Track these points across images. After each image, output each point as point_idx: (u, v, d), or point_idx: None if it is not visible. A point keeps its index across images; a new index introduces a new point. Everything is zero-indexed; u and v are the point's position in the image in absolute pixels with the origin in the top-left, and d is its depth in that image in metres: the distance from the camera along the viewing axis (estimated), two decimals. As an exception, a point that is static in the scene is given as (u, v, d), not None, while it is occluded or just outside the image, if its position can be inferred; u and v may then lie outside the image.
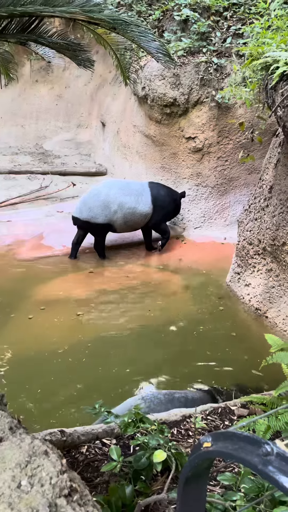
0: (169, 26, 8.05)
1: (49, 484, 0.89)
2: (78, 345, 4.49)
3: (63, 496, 0.89)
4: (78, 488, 0.97)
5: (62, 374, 4.02)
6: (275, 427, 2.26)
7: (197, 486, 1.10)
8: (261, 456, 0.86)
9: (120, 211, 6.57)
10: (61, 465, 0.97)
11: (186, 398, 3.32)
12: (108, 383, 3.91)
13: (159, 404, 3.15)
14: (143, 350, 4.59)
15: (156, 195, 6.87)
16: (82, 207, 6.63)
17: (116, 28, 2.30)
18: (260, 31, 4.64)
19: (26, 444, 0.97)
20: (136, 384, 3.89)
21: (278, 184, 4.52)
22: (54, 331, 4.77)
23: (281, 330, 4.62)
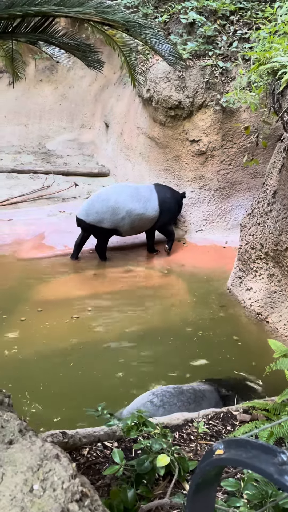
0: (175, 29, 8.05)
1: (61, 489, 0.88)
2: (67, 349, 4.41)
3: (74, 501, 0.88)
4: (89, 493, 0.96)
5: (44, 377, 3.94)
6: (278, 433, 2.25)
7: (207, 493, 1.10)
8: (276, 465, 0.85)
9: (128, 218, 6.56)
10: (72, 469, 0.96)
11: (194, 389, 3.37)
12: (89, 387, 3.83)
13: (171, 396, 3.20)
14: (137, 353, 4.50)
15: (163, 198, 6.86)
16: (88, 210, 6.56)
17: (129, 30, 2.30)
18: (267, 36, 4.65)
19: (37, 447, 0.96)
20: (126, 390, 3.80)
21: (282, 189, 4.52)
22: (44, 334, 4.68)
23: (282, 335, 4.61)
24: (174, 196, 7.10)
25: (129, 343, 4.69)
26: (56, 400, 3.65)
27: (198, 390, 3.38)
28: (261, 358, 4.25)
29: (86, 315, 5.14)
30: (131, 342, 4.71)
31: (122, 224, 6.58)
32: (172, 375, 4.07)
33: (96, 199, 6.67)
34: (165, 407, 3.10)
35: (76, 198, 9.38)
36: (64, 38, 2.65)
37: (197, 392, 3.34)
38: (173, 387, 3.34)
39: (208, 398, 3.37)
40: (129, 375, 4.05)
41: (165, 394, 3.22)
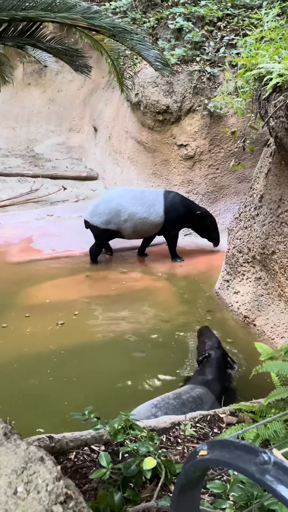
0: (163, 34, 8.12)
1: (45, 491, 0.88)
2: (47, 355, 4.35)
3: (59, 503, 0.88)
4: (73, 495, 0.96)
5: (20, 384, 3.90)
6: (263, 435, 2.27)
7: (191, 494, 1.10)
8: (258, 465, 0.86)
9: (130, 221, 6.57)
10: (57, 472, 0.96)
11: (193, 397, 3.38)
12: (65, 393, 3.79)
13: (175, 409, 3.18)
14: (121, 359, 4.46)
15: (170, 205, 6.75)
16: (93, 212, 6.66)
17: (116, 36, 2.32)
18: (253, 42, 4.72)
19: (22, 450, 0.96)
20: (109, 395, 3.76)
21: (269, 194, 4.57)
22: (26, 340, 4.61)
23: (269, 338, 4.65)
24: (186, 206, 6.87)
25: (113, 348, 4.64)
26: (30, 406, 3.62)
27: (197, 396, 3.38)
28: (249, 361, 4.29)
29: (72, 320, 5.08)
30: (115, 347, 4.66)
31: (125, 227, 6.61)
32: (159, 380, 4.06)
33: (100, 201, 6.76)
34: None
35: (64, 202, 9.37)
36: (52, 43, 2.66)
37: (196, 400, 3.35)
38: (174, 398, 3.31)
39: (205, 402, 3.40)
40: (112, 380, 4.01)
41: (168, 406, 3.20)
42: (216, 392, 3.58)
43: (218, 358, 3.94)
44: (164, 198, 6.78)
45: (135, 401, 3.47)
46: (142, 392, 3.85)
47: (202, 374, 3.82)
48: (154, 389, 3.87)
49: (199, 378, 3.75)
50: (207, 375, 3.77)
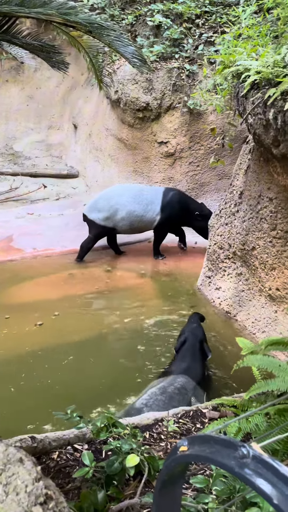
0: (142, 31, 8.10)
1: (24, 492, 0.87)
2: (22, 357, 4.28)
3: (38, 504, 0.88)
4: (54, 495, 0.96)
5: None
6: (245, 429, 2.29)
7: (173, 489, 1.11)
8: (237, 459, 0.87)
9: (127, 218, 6.65)
10: (36, 473, 0.95)
11: (178, 389, 3.39)
12: (38, 395, 3.75)
13: (165, 405, 3.18)
14: (100, 358, 4.40)
15: (167, 203, 6.78)
16: (91, 207, 6.77)
17: (92, 32, 2.30)
18: (231, 39, 4.74)
19: (0, 452, 0.95)
20: (85, 396, 3.72)
21: (248, 190, 4.61)
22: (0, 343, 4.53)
23: (250, 333, 4.70)
24: (183, 206, 6.88)
25: (93, 347, 4.57)
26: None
27: (180, 387, 3.42)
28: (230, 356, 4.33)
29: (52, 320, 5.00)
30: (95, 346, 4.60)
31: (121, 225, 6.70)
32: (139, 377, 4.04)
33: (100, 197, 6.83)
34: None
35: (45, 200, 9.29)
36: (28, 39, 2.62)
37: (181, 390, 3.38)
38: (160, 393, 3.31)
39: (189, 390, 3.45)
40: (90, 380, 3.98)
41: (158, 403, 3.20)
42: (195, 378, 3.64)
43: (193, 344, 4.01)
44: (162, 196, 6.81)
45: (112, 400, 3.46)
46: (121, 391, 3.83)
47: (180, 361, 3.87)
48: (134, 388, 3.85)
49: (177, 366, 3.80)
50: (184, 362, 3.83)
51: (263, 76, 3.45)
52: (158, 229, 6.93)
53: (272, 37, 4.33)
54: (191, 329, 4.24)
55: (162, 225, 6.89)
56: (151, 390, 3.42)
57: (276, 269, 4.28)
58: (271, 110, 3.38)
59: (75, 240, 7.36)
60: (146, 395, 3.35)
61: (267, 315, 4.51)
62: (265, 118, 3.50)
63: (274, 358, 2.61)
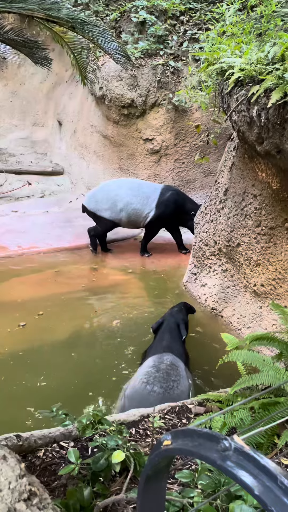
0: (126, 28, 8.07)
1: (7, 489, 0.87)
2: (2, 359, 4.23)
3: (22, 500, 0.88)
4: (38, 491, 0.96)
5: None
6: (230, 423, 2.32)
7: (157, 484, 1.12)
8: (219, 452, 0.88)
9: (125, 211, 6.70)
10: (20, 469, 0.95)
11: (169, 365, 3.49)
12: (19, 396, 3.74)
13: (166, 380, 3.30)
14: (83, 357, 4.38)
15: (163, 200, 6.78)
16: (91, 198, 6.84)
17: (75, 28, 2.28)
18: (215, 36, 4.75)
19: (-17, 450, 0.95)
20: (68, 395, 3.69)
21: (233, 187, 4.64)
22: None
23: (235, 328, 4.74)
24: (179, 205, 6.85)
25: (75, 347, 4.54)
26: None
27: (170, 363, 3.52)
28: (216, 351, 4.36)
29: (35, 320, 4.96)
30: (78, 346, 4.57)
31: (120, 217, 6.74)
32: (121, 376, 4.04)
33: (99, 189, 6.89)
34: (169, 392, 3.22)
35: (29, 197, 9.22)
36: (10, 34, 2.59)
37: (172, 366, 3.49)
38: (156, 370, 3.38)
39: (178, 365, 3.55)
40: (71, 379, 3.96)
41: (159, 380, 3.28)
42: (179, 356, 3.74)
43: (170, 325, 4.18)
44: (160, 193, 6.81)
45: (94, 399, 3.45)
46: (104, 388, 3.83)
47: (159, 340, 3.98)
48: (117, 385, 3.85)
49: (157, 345, 3.89)
50: (164, 341, 3.94)
51: (247, 73, 3.47)
52: (149, 226, 6.93)
53: (255, 34, 4.36)
54: (171, 312, 4.42)
55: (153, 222, 6.88)
56: (144, 370, 3.46)
57: (260, 265, 4.32)
58: (254, 107, 3.41)
59: (61, 237, 7.33)
60: (142, 375, 3.39)
61: (252, 311, 4.55)
62: (249, 115, 3.52)
63: (258, 353, 2.64)
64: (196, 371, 4.04)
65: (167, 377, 3.33)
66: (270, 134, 3.39)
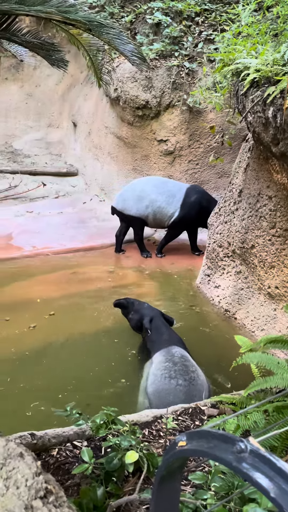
0: (141, 29, 8.09)
1: (24, 486, 0.88)
2: (10, 360, 4.23)
3: (38, 498, 0.89)
4: (53, 489, 0.97)
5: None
6: (244, 426, 2.31)
7: (171, 485, 1.12)
8: (235, 454, 0.88)
9: (150, 208, 6.69)
10: (36, 467, 0.96)
11: (182, 357, 3.53)
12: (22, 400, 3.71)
13: (184, 373, 3.35)
14: (96, 358, 4.34)
15: (188, 201, 6.71)
16: (119, 198, 6.88)
17: (92, 30, 2.30)
18: (230, 37, 4.74)
19: (1, 447, 0.96)
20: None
21: (248, 188, 4.62)
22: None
23: (249, 331, 4.71)
24: (203, 207, 6.72)
25: (86, 347, 4.54)
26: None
27: (181, 355, 3.57)
28: (230, 353, 4.33)
29: (46, 321, 4.97)
30: (89, 346, 4.56)
31: (147, 214, 6.73)
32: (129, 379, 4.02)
33: (127, 188, 6.94)
34: (193, 384, 3.28)
35: (44, 198, 9.30)
36: (27, 37, 2.62)
37: (184, 357, 3.55)
38: (174, 363, 3.42)
39: (187, 356, 3.62)
40: (80, 382, 3.93)
41: (180, 372, 3.32)
42: (183, 346, 3.81)
43: (159, 318, 4.23)
44: (185, 194, 6.75)
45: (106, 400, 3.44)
46: (113, 388, 3.81)
47: (158, 334, 3.98)
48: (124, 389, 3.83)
49: (159, 339, 3.90)
50: (164, 334, 3.97)
51: (263, 74, 3.45)
52: (173, 227, 6.89)
53: (271, 35, 4.34)
54: (146, 308, 4.43)
55: (177, 224, 6.83)
56: (161, 365, 3.48)
57: (275, 267, 4.29)
58: (270, 108, 3.39)
59: (74, 238, 7.37)
60: (162, 370, 3.41)
61: (266, 313, 4.52)
62: (264, 116, 3.50)
63: (272, 356, 2.62)
64: (210, 373, 4.02)
65: (186, 369, 3.38)
66: (286, 135, 3.36)
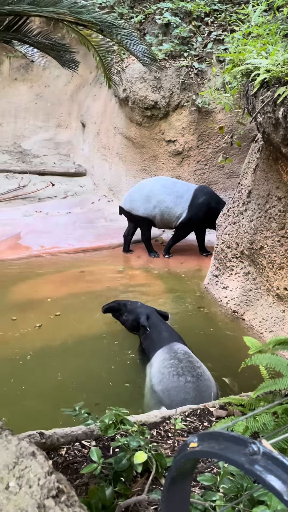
0: (150, 30, 8.09)
1: (37, 485, 0.88)
2: (14, 361, 4.23)
3: (51, 497, 0.89)
4: (65, 489, 0.97)
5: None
6: (253, 428, 2.30)
7: (182, 486, 1.12)
8: (247, 455, 0.88)
9: (158, 208, 6.69)
10: (48, 466, 0.97)
11: (185, 353, 3.57)
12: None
13: (193, 368, 3.40)
14: (100, 359, 4.33)
15: (196, 202, 6.68)
16: (126, 198, 6.89)
17: (103, 30, 2.31)
18: (240, 37, 4.73)
19: (13, 446, 0.97)
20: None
21: (257, 189, 4.60)
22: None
23: (257, 332, 4.69)
24: (211, 208, 6.66)
25: (92, 346, 4.52)
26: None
27: (184, 352, 3.61)
28: (237, 354, 4.31)
29: (52, 321, 4.96)
30: (95, 345, 4.54)
31: (154, 214, 6.73)
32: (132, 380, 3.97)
33: (135, 188, 6.95)
34: (200, 379, 3.31)
35: (52, 198, 9.33)
36: (38, 37, 2.64)
37: (188, 353, 3.59)
38: (179, 360, 3.45)
39: (190, 352, 3.67)
40: (81, 385, 3.90)
41: (187, 369, 3.35)
42: (182, 342, 3.85)
43: (156, 315, 4.28)
44: (193, 195, 6.72)
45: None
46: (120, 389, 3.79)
47: (158, 333, 4.00)
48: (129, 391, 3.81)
49: (159, 337, 3.92)
50: (163, 331, 4.00)
51: (273, 74, 3.44)
52: (180, 228, 6.87)
53: (282, 35, 4.32)
54: (140, 306, 4.45)
55: (185, 225, 6.80)
56: (166, 363, 3.50)
57: (284, 269, 4.27)
58: (280, 109, 3.38)
59: (82, 238, 7.39)
60: (169, 368, 3.43)
61: (275, 315, 4.50)
62: (274, 117, 3.49)
63: (282, 358, 2.61)
64: (217, 374, 4.00)
65: (192, 365, 3.41)
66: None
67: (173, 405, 2.93)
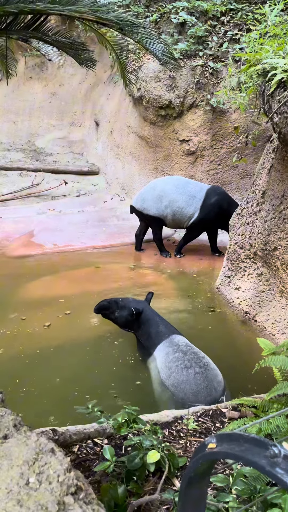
0: (166, 29, 8.08)
1: (56, 482, 0.89)
2: (22, 358, 4.21)
3: (70, 494, 0.89)
4: (83, 486, 0.97)
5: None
6: (266, 430, 2.28)
7: (198, 486, 1.12)
8: (268, 458, 0.87)
9: (170, 208, 6.69)
10: (67, 463, 0.97)
11: (187, 345, 3.62)
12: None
13: (197, 360, 3.41)
14: (107, 359, 4.27)
15: (208, 203, 6.67)
16: (138, 197, 6.90)
17: (123, 29, 2.31)
18: (257, 37, 4.69)
19: (33, 442, 0.97)
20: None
21: (271, 190, 4.57)
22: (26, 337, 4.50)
23: (269, 334, 4.66)
24: (223, 209, 6.64)
25: (100, 346, 4.50)
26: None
27: (186, 344, 3.64)
28: (249, 356, 4.29)
29: (61, 319, 4.95)
30: (103, 345, 4.51)
31: (166, 214, 6.73)
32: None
33: (147, 187, 6.95)
34: (208, 370, 3.35)
35: (65, 196, 9.37)
36: (57, 36, 2.65)
37: (189, 345, 3.62)
38: (184, 353, 3.48)
39: (190, 344, 3.69)
40: (89, 383, 3.88)
41: (194, 361, 3.38)
42: (179, 333, 3.88)
43: (150, 308, 4.29)
44: (205, 195, 6.71)
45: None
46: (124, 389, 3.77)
47: (155, 326, 4.00)
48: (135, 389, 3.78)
49: (157, 330, 3.94)
50: (160, 325, 4.01)
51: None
52: (192, 228, 6.85)
53: (299, 35, 4.27)
54: (132, 301, 4.42)
55: (196, 225, 6.79)
56: (171, 357, 3.51)
57: (298, 270, 4.24)
58: (298, 109, 3.34)
59: (95, 236, 7.42)
60: (175, 362, 3.45)
61: (287, 317, 4.47)
62: (291, 117, 3.46)
63: (296, 360, 2.58)
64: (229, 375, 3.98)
65: (196, 356, 3.44)
66: (313, 136, 3.32)
67: (186, 398, 2.95)
